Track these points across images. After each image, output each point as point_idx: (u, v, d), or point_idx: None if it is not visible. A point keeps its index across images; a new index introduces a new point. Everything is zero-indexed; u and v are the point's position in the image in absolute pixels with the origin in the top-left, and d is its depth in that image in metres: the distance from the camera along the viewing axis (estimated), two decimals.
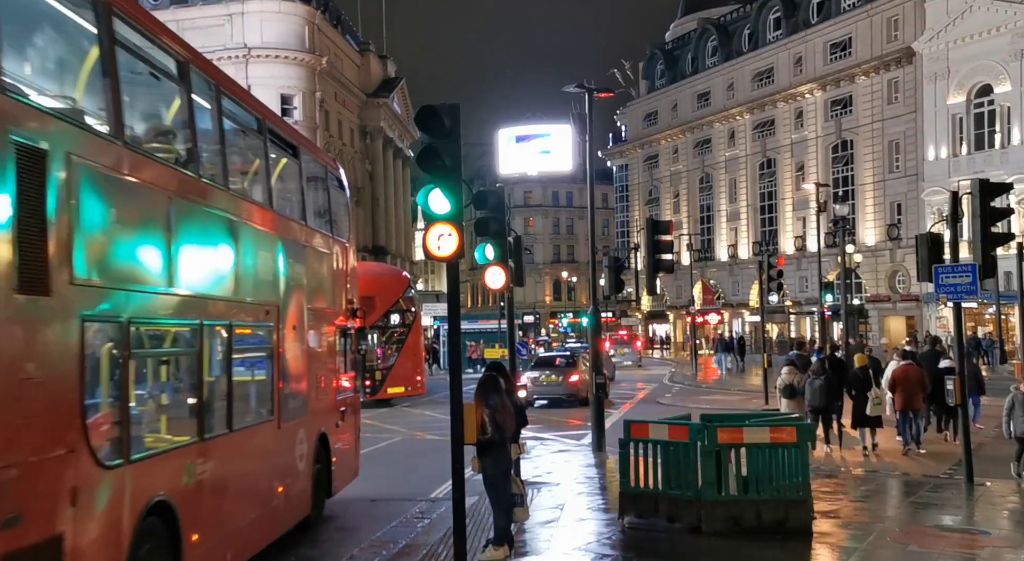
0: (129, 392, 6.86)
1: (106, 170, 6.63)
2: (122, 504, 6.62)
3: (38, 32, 6.42)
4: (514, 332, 15.61)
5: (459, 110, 8.59)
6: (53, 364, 5.83)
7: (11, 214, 5.37)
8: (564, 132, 38.81)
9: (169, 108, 8.41)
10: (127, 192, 7.01)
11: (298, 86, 56.53)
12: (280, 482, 10.29)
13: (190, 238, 8.10)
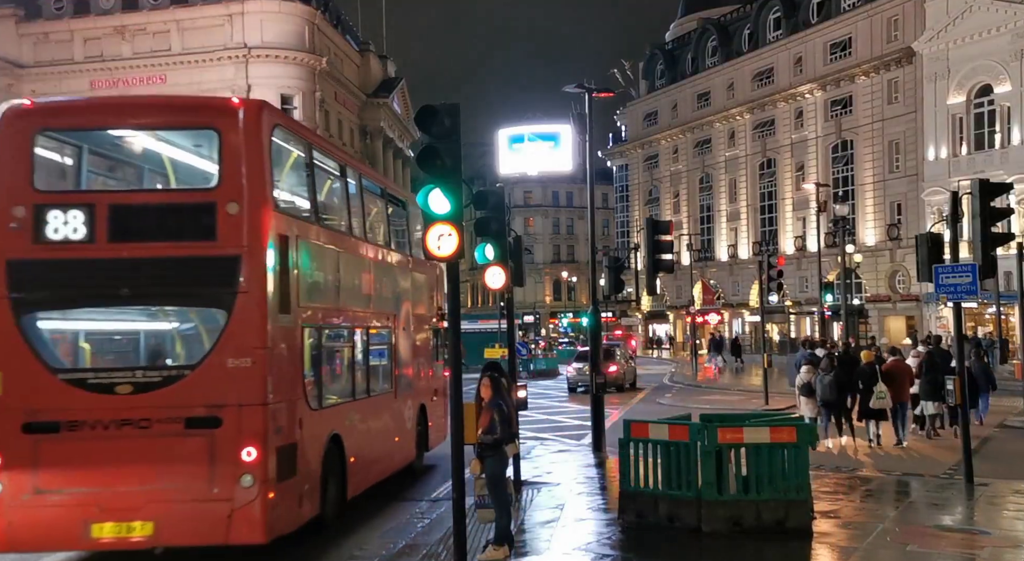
0: (321, 367, 11.12)
1: (310, 240, 10.76)
2: (319, 431, 10.81)
3: (280, 167, 10.49)
4: (514, 332, 15.59)
5: (459, 110, 8.59)
6: (292, 349, 10.10)
7: (275, 270, 9.57)
8: (564, 132, 38.81)
9: (336, 194, 12.70)
10: (319, 250, 11.16)
11: (298, 86, 56.53)
12: (397, 435, 14.61)
13: (348, 274, 12.31)
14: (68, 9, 58.97)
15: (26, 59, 58.18)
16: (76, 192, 10.06)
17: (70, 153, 10.30)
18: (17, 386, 9.25)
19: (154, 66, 56.47)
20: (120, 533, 9.14)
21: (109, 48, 57.13)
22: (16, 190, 9.45)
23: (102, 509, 9.10)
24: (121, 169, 11.23)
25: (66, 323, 10.10)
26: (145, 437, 9.21)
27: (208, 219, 9.35)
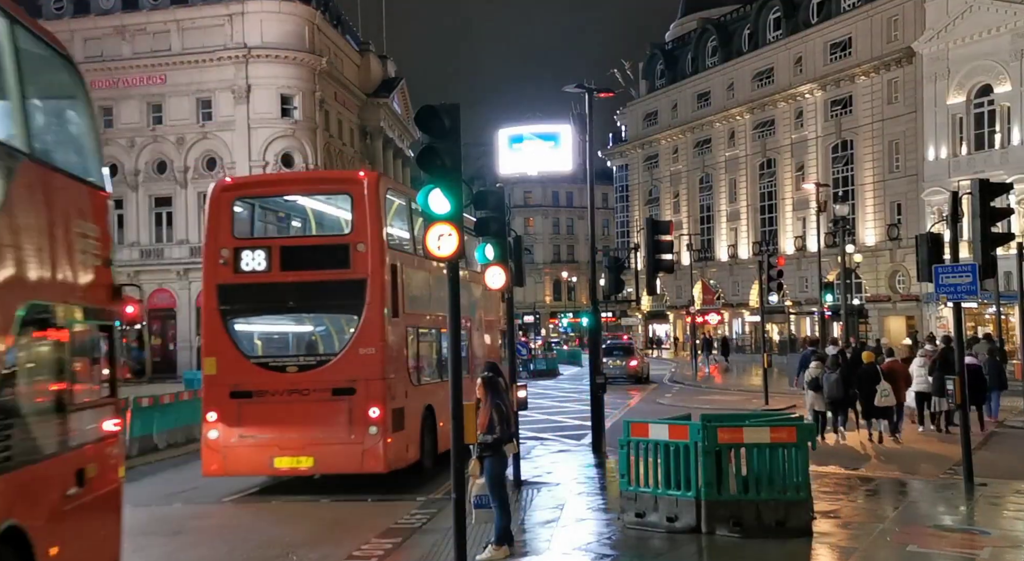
0: (419, 355, 15.17)
1: (412, 268, 14.93)
2: (418, 401, 15.01)
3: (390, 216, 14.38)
4: (514, 332, 15.61)
5: (459, 110, 8.58)
6: (400, 342, 14.40)
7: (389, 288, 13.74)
8: (564, 132, 38.80)
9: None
10: (416, 273, 15.17)
11: (298, 86, 56.52)
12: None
13: (436, 289, 15.20)
14: (68, 9, 58.94)
15: None
16: (259, 238, 14.95)
17: (254, 212, 15.23)
18: (225, 368, 13.88)
19: (154, 66, 56.45)
20: (292, 464, 13.86)
21: (109, 48, 57.09)
22: (222, 238, 14.20)
23: (281, 448, 13.74)
24: (287, 221, 16.35)
25: (254, 326, 15.08)
26: (307, 401, 13.74)
27: (344, 255, 13.87)
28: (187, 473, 17.39)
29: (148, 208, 57.25)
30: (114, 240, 11.06)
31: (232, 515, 13.25)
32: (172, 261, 56.00)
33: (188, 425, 21.23)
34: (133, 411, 19.14)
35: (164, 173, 56.77)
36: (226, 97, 55.65)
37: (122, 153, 57.08)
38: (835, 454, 17.50)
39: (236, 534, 11.89)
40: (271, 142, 55.59)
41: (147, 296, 56.04)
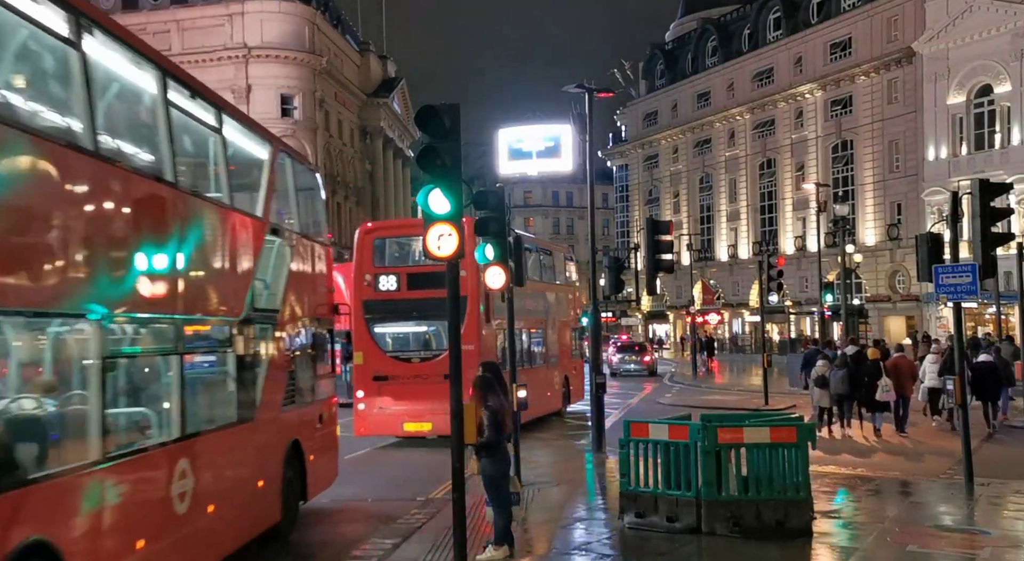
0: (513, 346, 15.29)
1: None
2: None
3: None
4: (514, 332, 15.65)
5: (459, 110, 8.58)
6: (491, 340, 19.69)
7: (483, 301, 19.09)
8: (564, 133, 38.82)
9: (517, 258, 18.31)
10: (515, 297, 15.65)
11: (298, 86, 56.57)
12: (550, 390, 23.99)
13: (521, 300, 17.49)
14: None
15: None
16: (391, 266, 20.01)
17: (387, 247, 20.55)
18: (369, 359, 19.51)
19: None
20: (417, 428, 19.14)
21: None
22: (365, 266, 19.83)
23: (409, 417, 19.08)
24: (411, 253, 20.56)
25: (389, 329, 20.29)
26: (426, 383, 18.60)
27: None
28: None
29: None
30: None
31: None
32: None
33: None
34: None
35: None
36: (226, 97, 55.51)
37: None
38: (840, 448, 18.02)
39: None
40: None
41: None
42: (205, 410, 9.18)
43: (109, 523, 6.83)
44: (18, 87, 6.55)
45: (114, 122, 7.84)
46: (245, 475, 9.80)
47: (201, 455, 8.46)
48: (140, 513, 7.35)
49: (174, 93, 8.68)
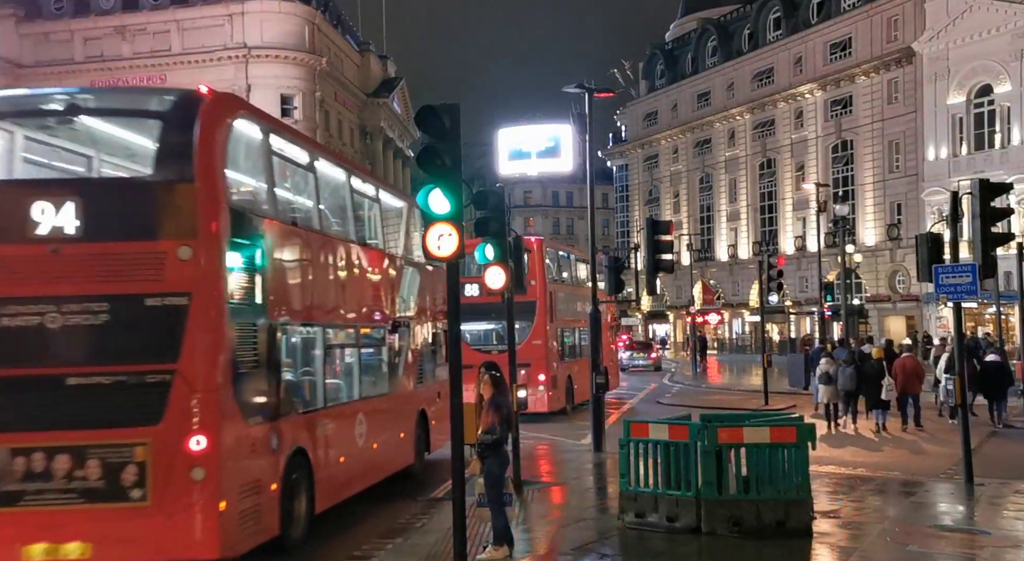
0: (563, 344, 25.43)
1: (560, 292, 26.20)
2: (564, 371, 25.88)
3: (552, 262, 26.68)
4: (514, 332, 15.66)
5: (459, 110, 8.57)
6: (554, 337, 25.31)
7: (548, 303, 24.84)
8: (564, 133, 38.82)
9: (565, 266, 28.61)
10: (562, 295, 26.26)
11: (298, 86, 56.56)
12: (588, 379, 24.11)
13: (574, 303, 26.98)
14: (68, 9, 58.99)
15: (26, 59, 58.19)
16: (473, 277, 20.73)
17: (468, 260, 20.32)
18: None
19: (154, 66, 56.50)
20: None
21: (109, 48, 57.16)
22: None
23: None
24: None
25: (472, 326, 23.00)
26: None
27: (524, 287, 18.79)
28: None
29: None
30: None
31: None
32: None
33: None
34: None
35: None
36: None
37: None
38: (843, 446, 18.37)
39: None
40: None
41: None
42: (371, 383, 13.43)
43: (329, 442, 11.44)
44: (309, 206, 11.65)
45: (330, 210, 12.45)
46: (393, 428, 14.24)
47: (369, 411, 12.90)
48: (342, 439, 11.96)
49: (355, 181, 13.49)
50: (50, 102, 10.36)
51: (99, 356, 8.67)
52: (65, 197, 8.64)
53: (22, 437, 8.45)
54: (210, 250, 8.75)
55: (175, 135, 9.09)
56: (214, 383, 8.69)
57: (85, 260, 8.61)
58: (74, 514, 8.39)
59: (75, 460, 8.36)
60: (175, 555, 8.51)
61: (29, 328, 8.53)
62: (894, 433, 20.69)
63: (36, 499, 8.39)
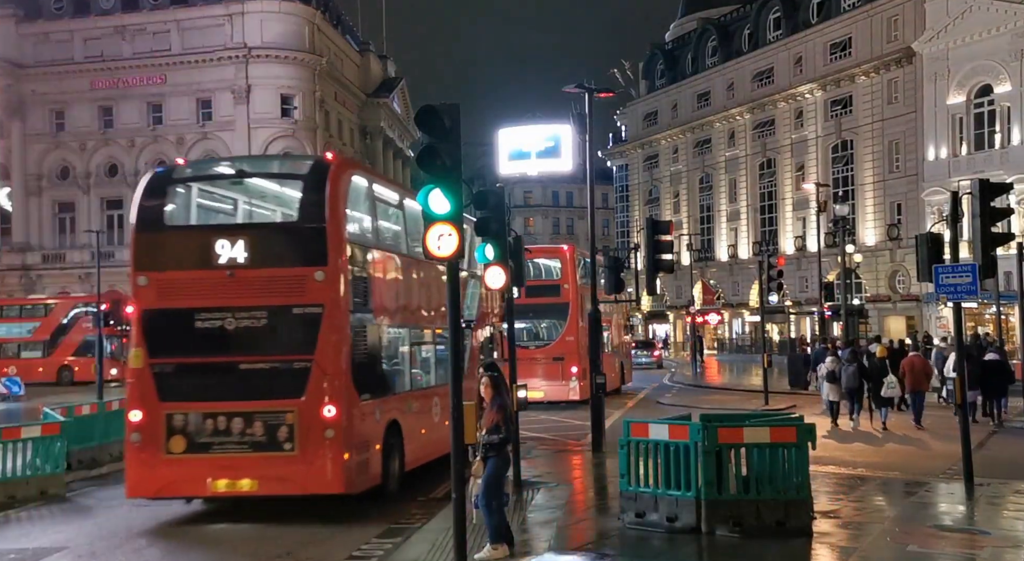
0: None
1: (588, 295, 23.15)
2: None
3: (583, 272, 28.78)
4: (514, 332, 15.67)
5: (459, 110, 8.57)
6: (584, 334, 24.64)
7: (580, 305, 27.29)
8: (564, 133, 38.79)
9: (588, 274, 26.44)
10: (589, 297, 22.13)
11: (298, 86, 56.56)
12: (613, 372, 30.91)
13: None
14: (68, 9, 58.98)
15: (26, 59, 58.19)
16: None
17: None
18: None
19: (154, 66, 56.50)
20: (534, 396, 22.34)
21: (109, 48, 57.15)
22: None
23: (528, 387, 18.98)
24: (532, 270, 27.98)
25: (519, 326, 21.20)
26: (539, 364, 26.97)
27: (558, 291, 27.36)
28: None
29: None
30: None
31: (232, 514, 13.25)
32: None
33: None
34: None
35: None
36: (226, 97, 55.68)
37: (122, 153, 57.14)
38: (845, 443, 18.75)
39: (235, 533, 11.91)
40: (271, 142, 55.61)
41: None
42: (443, 373, 15.67)
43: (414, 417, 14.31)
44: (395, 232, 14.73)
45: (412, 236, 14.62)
46: None
47: (442, 395, 14.15)
48: (423, 416, 14.86)
49: None
50: (223, 168, 15.44)
51: (261, 349, 12.21)
52: (237, 237, 12.28)
53: (210, 405, 11.99)
54: (336, 273, 12.20)
55: (312, 191, 12.62)
56: (340, 369, 12.13)
57: (251, 281, 12.13)
58: (245, 459, 11.89)
59: (246, 422, 11.88)
60: (314, 490, 11.92)
61: (214, 329, 12.17)
62: (897, 430, 21.01)
63: (220, 448, 11.93)
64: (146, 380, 12.24)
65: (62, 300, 49.56)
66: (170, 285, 12.36)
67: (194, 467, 12.00)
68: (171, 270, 12.43)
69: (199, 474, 11.99)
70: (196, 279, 12.30)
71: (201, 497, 12.66)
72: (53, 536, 11.97)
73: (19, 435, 14.65)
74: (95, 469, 17.12)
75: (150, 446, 12.13)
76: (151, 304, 12.42)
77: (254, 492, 12.05)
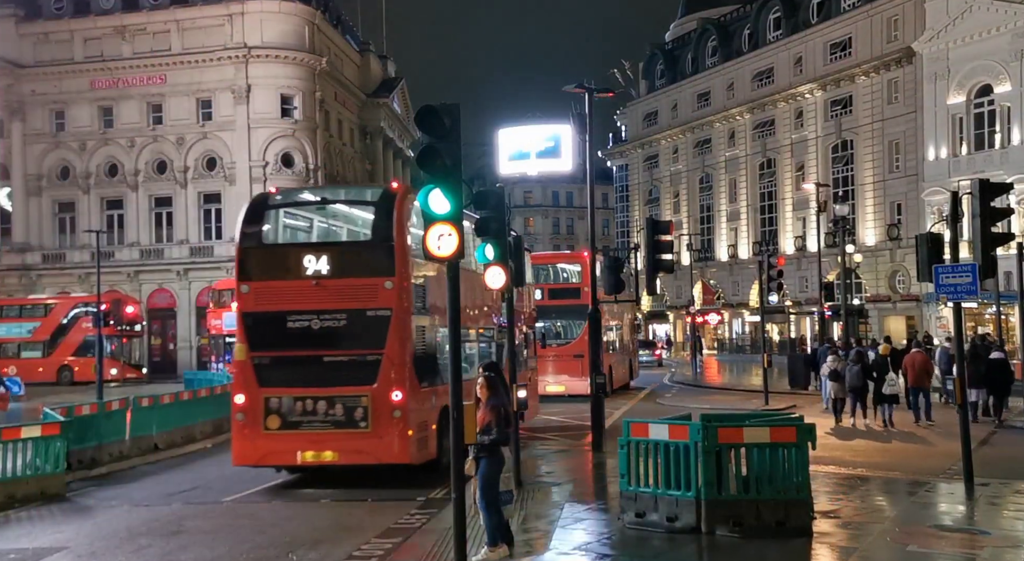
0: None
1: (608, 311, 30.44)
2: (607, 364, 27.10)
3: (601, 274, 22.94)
4: (514, 332, 15.69)
5: (459, 110, 8.57)
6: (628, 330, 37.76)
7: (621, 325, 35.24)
8: (564, 133, 38.73)
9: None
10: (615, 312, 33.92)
11: (298, 86, 56.51)
12: (623, 369, 35.69)
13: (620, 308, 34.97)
14: (68, 9, 58.92)
15: (26, 59, 58.15)
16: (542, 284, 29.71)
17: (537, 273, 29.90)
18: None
19: (154, 66, 56.44)
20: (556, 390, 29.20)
21: (109, 48, 57.09)
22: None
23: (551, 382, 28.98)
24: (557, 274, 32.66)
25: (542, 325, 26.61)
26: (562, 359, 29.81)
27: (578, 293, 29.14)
28: (187, 473, 17.41)
29: (148, 208, 57.24)
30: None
31: (232, 515, 13.27)
32: (172, 261, 55.99)
33: (187, 425, 21.21)
34: (133, 411, 19.14)
35: (164, 173, 56.75)
36: (226, 97, 55.64)
37: (122, 153, 57.09)
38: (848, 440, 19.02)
39: (236, 534, 11.92)
40: (271, 142, 55.58)
41: (146, 296, 56.09)
42: None
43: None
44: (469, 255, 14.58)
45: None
46: None
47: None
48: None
49: None
50: (308, 196, 18.38)
51: (341, 344, 14.46)
52: (321, 253, 14.86)
53: (300, 391, 14.44)
54: (402, 283, 14.57)
55: (382, 215, 15.13)
56: (404, 361, 14.49)
57: (333, 289, 14.52)
58: (328, 435, 14.29)
59: (328, 404, 14.32)
60: (385, 460, 14.30)
61: (303, 328, 14.65)
62: (901, 427, 21.40)
63: (308, 425, 14.40)
64: (248, 370, 14.79)
65: (62, 300, 49.54)
66: (267, 292, 14.95)
67: (287, 441, 14.50)
68: (267, 280, 15.07)
69: (291, 447, 14.49)
70: (288, 287, 14.85)
71: (292, 466, 15.15)
72: (53, 536, 11.98)
73: (19, 435, 14.64)
74: (95, 469, 17.13)
75: (251, 423, 14.64)
76: (251, 308, 15.04)
77: (335, 462, 14.42)
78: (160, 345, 57.03)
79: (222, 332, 37.40)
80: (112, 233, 55.62)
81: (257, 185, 54.88)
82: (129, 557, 10.91)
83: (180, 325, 56.13)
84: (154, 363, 53.89)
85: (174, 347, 56.27)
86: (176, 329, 56.42)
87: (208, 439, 21.52)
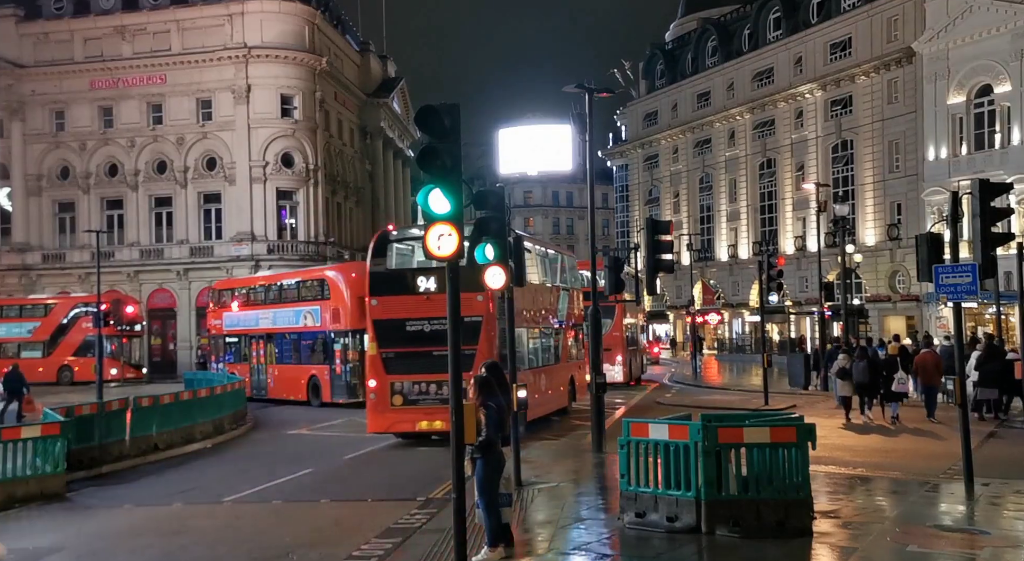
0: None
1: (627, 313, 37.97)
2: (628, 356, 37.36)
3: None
4: (514, 332, 15.70)
5: (459, 110, 8.57)
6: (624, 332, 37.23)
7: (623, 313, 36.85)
8: (564, 132, 38.76)
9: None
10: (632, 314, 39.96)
11: (298, 86, 56.52)
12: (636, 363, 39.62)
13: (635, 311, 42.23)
14: (68, 9, 58.94)
15: (26, 59, 58.18)
16: None
17: None
18: None
19: (154, 66, 56.46)
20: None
21: (109, 48, 57.12)
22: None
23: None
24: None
25: None
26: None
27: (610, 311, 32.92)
28: (187, 473, 17.41)
29: (148, 208, 57.26)
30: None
31: (232, 515, 13.27)
32: (172, 261, 56.01)
33: (188, 425, 21.21)
34: (133, 411, 19.15)
35: (164, 173, 56.77)
36: (226, 97, 55.65)
37: (122, 153, 57.11)
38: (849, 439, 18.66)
39: (236, 534, 11.92)
40: (271, 142, 55.59)
41: (146, 296, 56.09)
42: (551, 357, 23.96)
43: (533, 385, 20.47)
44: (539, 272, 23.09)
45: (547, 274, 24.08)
46: (559, 383, 24.66)
47: (548, 372, 23.43)
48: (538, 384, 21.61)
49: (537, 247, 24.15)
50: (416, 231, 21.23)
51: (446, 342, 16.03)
52: (430, 274, 19.53)
53: (417, 377, 19.46)
54: (489, 296, 18.30)
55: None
56: (493, 354, 18.33)
57: (439, 301, 15.86)
58: (438, 409, 18.09)
59: (438, 386, 19.03)
60: None
61: (417, 330, 19.52)
62: (908, 424, 21.85)
63: (423, 402, 19.44)
64: (377, 362, 19.94)
65: (62, 300, 49.55)
66: (391, 304, 19.92)
67: (408, 414, 19.51)
68: (391, 295, 20.01)
69: (411, 418, 19.49)
70: (406, 300, 19.72)
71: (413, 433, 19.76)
72: (53, 536, 11.98)
73: (19, 435, 14.66)
74: (95, 469, 17.13)
75: (381, 402, 19.75)
76: (379, 316, 20.09)
77: (444, 429, 17.81)
78: (160, 345, 57.05)
79: (222, 332, 37.35)
80: (112, 233, 55.63)
81: (257, 185, 54.96)
82: (129, 557, 10.91)
83: (180, 325, 56.15)
84: (154, 363, 53.91)
85: (174, 347, 56.30)
86: (176, 329, 56.44)
87: (208, 439, 21.53)
